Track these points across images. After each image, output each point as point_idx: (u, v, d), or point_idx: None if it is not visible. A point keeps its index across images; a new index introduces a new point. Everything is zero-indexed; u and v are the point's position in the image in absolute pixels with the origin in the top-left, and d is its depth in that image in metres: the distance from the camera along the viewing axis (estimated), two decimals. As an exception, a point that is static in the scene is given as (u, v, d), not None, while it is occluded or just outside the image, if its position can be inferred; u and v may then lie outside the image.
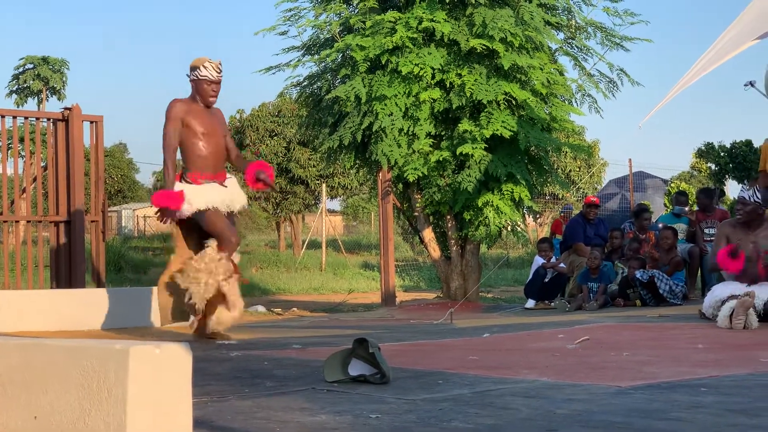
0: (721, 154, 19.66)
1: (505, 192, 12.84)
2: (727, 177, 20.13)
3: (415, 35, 12.73)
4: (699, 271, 13.21)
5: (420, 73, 12.64)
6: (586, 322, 8.94)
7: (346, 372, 4.96)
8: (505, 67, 12.46)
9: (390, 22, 12.78)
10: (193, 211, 7.72)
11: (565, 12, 13.91)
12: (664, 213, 17.13)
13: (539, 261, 13.25)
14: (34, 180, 11.16)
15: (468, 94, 12.53)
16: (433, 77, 12.82)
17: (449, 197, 13.08)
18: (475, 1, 12.73)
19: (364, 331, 8.53)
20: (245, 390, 4.78)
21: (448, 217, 13.49)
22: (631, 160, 23.65)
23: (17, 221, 10.75)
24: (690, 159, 34.28)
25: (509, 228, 13.65)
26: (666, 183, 26.89)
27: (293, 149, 34.23)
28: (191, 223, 7.89)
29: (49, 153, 10.90)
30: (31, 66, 62.30)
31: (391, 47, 12.71)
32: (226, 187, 7.94)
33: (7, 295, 9.31)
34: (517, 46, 12.61)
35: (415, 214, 13.79)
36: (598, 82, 13.89)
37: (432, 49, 12.78)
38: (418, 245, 23.22)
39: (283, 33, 14.02)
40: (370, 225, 51.05)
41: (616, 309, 11.51)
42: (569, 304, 12.23)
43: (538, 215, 34.88)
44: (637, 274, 11.69)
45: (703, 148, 20.49)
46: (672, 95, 14.35)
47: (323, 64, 13.83)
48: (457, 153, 12.66)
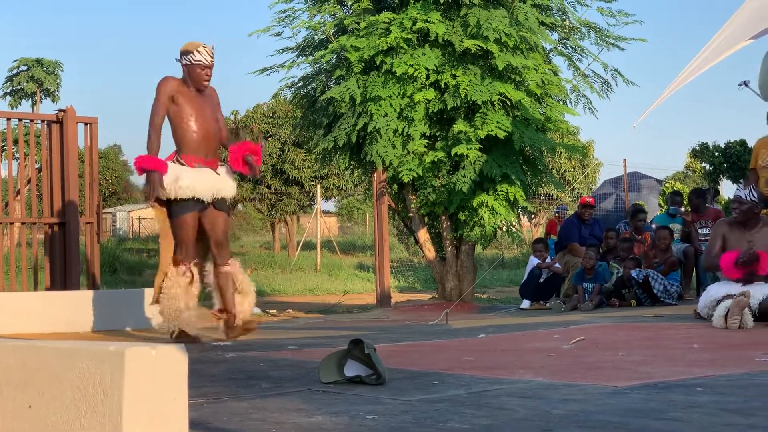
0: (716, 154, 19.69)
1: (500, 192, 12.85)
2: (721, 177, 20.16)
3: (410, 36, 12.74)
4: (694, 270, 13.23)
5: (414, 74, 12.64)
6: (581, 323, 8.94)
7: (342, 373, 4.96)
8: (500, 68, 12.47)
9: (384, 23, 12.78)
10: (179, 194, 7.63)
11: (560, 12, 13.93)
12: (659, 213, 17.15)
13: (534, 261, 13.26)
14: (29, 182, 11.13)
15: (462, 95, 12.54)
16: (427, 78, 12.83)
17: (444, 198, 13.08)
18: (470, 1, 12.73)
19: (360, 332, 8.53)
20: (241, 391, 4.77)
21: (443, 217, 13.50)
22: (625, 160, 23.74)
23: (11, 223, 10.72)
24: (684, 159, 34.32)
25: (504, 228, 13.66)
26: (660, 183, 26.92)
27: (288, 150, 34.26)
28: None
29: (43, 155, 10.88)
30: (25, 68, 62.25)
31: (385, 48, 12.72)
32: (219, 174, 7.85)
33: (1, 298, 9.29)
34: (511, 46, 12.62)
35: (410, 214, 13.80)
36: (592, 82, 13.92)
37: (426, 50, 12.79)
38: (413, 246, 23.22)
39: (278, 34, 14.02)
40: (365, 226, 51.07)
41: (612, 309, 11.52)
42: (564, 305, 12.23)
43: (533, 216, 34.88)
44: (633, 274, 11.70)
45: (697, 148, 20.52)
46: (666, 95, 14.36)
47: (318, 65, 13.83)
48: (452, 154, 12.67)
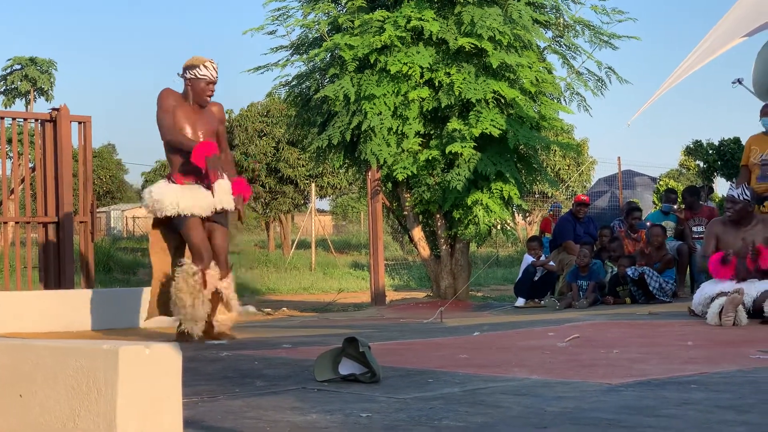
0: (710, 152, 19.67)
1: (495, 190, 12.85)
2: (715, 174, 20.15)
3: (404, 34, 12.73)
4: (688, 268, 13.25)
5: (409, 72, 12.64)
6: (576, 320, 8.95)
7: (337, 371, 4.96)
8: (494, 66, 12.47)
9: (378, 21, 12.78)
10: (176, 212, 7.67)
11: (553, 10, 13.93)
12: (653, 211, 17.17)
13: (529, 259, 13.26)
14: (22, 181, 11.12)
15: (457, 93, 12.54)
16: (421, 76, 12.82)
17: (438, 196, 13.08)
18: (464, -1, 12.74)
19: (354, 331, 8.53)
20: (235, 390, 4.77)
21: (438, 215, 13.50)
22: (620, 158, 23.76)
23: (5, 222, 10.70)
24: (678, 157, 34.35)
25: (499, 226, 13.66)
26: (655, 181, 26.94)
27: (282, 149, 34.23)
28: (170, 227, 7.86)
29: (37, 154, 10.86)
30: (18, 67, 62.18)
31: (379, 46, 12.71)
32: (211, 188, 7.85)
33: (-5, 297, 9.28)
34: (505, 44, 12.62)
35: (405, 213, 13.79)
36: (586, 80, 13.92)
37: (420, 48, 12.79)
38: (407, 244, 23.21)
39: (272, 32, 14.02)
40: (360, 224, 51.04)
41: (606, 307, 11.53)
42: (559, 303, 12.23)
43: (527, 214, 34.90)
44: (628, 272, 11.73)
45: (691, 146, 20.50)
46: (660, 93, 14.39)
47: (312, 64, 13.82)
48: (446, 152, 12.67)
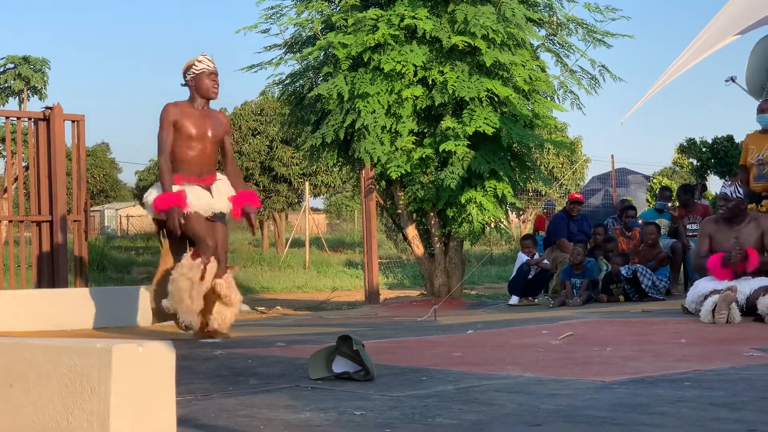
0: (703, 150, 19.72)
1: (488, 189, 12.85)
2: (709, 172, 20.21)
3: (397, 32, 12.72)
4: (682, 266, 13.27)
5: (402, 71, 12.64)
6: (569, 318, 8.96)
7: (330, 369, 4.96)
8: (487, 64, 12.47)
9: (372, 19, 12.77)
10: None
11: (547, 8, 13.93)
12: (647, 208, 17.20)
13: (523, 257, 13.27)
14: (16, 180, 11.10)
15: (450, 91, 12.54)
16: (415, 74, 12.82)
17: (432, 194, 13.08)
18: (457, -2, 12.74)
19: (348, 329, 8.53)
20: (229, 388, 4.77)
21: (432, 214, 13.50)
22: (613, 156, 23.85)
23: (-1, 221, 10.70)
24: (672, 155, 34.41)
25: (492, 225, 13.66)
26: (648, 179, 27.01)
27: (276, 147, 34.23)
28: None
29: (30, 153, 10.85)
30: (11, 66, 62.00)
31: (373, 45, 12.71)
32: (209, 190, 7.89)
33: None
34: (498, 42, 12.62)
35: (399, 211, 13.79)
36: (580, 78, 13.91)
37: (414, 47, 12.79)
38: (401, 242, 23.24)
39: (265, 31, 13.98)
40: (354, 223, 51.02)
41: (600, 305, 11.54)
42: (552, 301, 12.24)
43: (521, 212, 34.88)
44: (622, 271, 11.75)
45: (684, 144, 20.56)
46: (653, 91, 14.41)
47: (305, 62, 13.81)
48: (440, 150, 12.67)
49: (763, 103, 10.65)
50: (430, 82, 12.89)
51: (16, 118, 11.10)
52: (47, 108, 10.77)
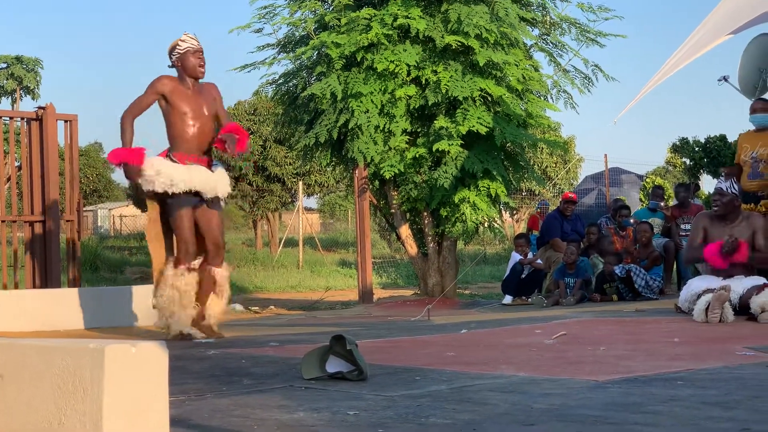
0: (696, 149, 19.74)
1: (482, 188, 12.85)
2: (701, 172, 20.23)
3: (391, 32, 12.73)
4: (675, 265, 13.28)
5: (395, 70, 12.64)
6: (563, 318, 8.96)
7: (324, 369, 4.96)
8: (481, 64, 12.48)
9: (365, 19, 12.77)
10: (174, 190, 7.66)
11: (540, 8, 13.95)
12: (640, 208, 17.22)
13: (516, 257, 13.28)
14: (8, 180, 11.08)
15: (444, 91, 12.54)
16: (408, 74, 12.83)
17: (426, 194, 13.09)
18: (450, -3, 12.74)
19: (342, 329, 8.52)
20: (223, 388, 4.77)
21: (425, 213, 13.50)
22: (606, 155, 23.88)
23: (-9, 221, 10.67)
24: (665, 154, 34.47)
25: (486, 224, 13.66)
26: (641, 178, 27.04)
27: (269, 147, 34.17)
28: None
29: (23, 152, 10.82)
30: (4, 65, 61.88)
31: (366, 44, 12.71)
32: (212, 172, 7.88)
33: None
34: (492, 42, 12.63)
35: (392, 211, 13.79)
36: (573, 77, 13.94)
37: (407, 46, 12.79)
38: (395, 242, 23.23)
39: (258, 31, 13.98)
40: (347, 222, 50.99)
41: (593, 304, 11.56)
42: (546, 300, 12.25)
43: (514, 211, 34.94)
44: (616, 270, 11.76)
45: (677, 143, 20.57)
46: (646, 90, 14.39)
47: (299, 62, 13.80)
48: (434, 150, 12.68)
49: (756, 103, 10.67)
50: (424, 82, 12.90)
51: (8, 118, 11.06)
52: (40, 108, 10.75)
